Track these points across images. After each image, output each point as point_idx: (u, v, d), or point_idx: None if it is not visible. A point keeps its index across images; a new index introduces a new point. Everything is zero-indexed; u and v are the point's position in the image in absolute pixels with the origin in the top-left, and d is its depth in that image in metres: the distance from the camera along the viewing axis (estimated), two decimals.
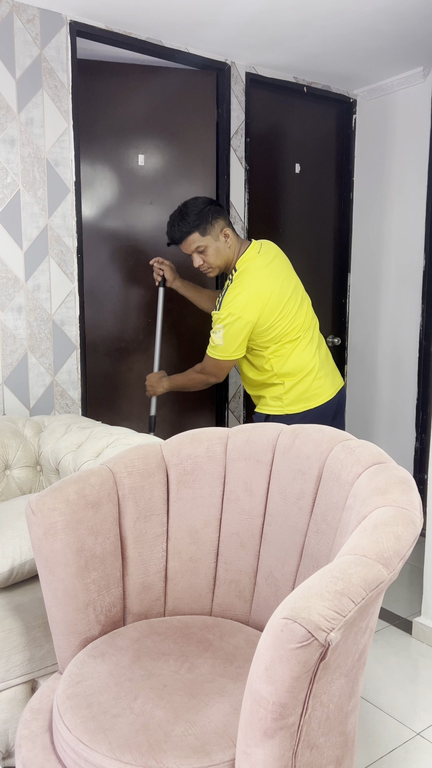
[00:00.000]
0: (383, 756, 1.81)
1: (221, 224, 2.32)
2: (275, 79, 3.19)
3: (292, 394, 2.39)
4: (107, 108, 2.85)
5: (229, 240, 2.34)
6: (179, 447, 1.71)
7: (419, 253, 3.32)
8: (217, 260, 2.35)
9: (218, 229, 2.31)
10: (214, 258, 2.35)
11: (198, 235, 2.31)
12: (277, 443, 1.67)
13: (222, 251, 2.34)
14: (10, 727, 1.62)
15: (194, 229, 2.30)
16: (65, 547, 1.45)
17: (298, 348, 2.37)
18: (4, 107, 2.45)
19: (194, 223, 2.29)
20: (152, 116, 2.96)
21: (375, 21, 2.58)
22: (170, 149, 3.01)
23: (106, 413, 3.01)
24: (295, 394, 2.39)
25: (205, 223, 2.29)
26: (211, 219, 2.30)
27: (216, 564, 1.68)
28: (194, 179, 3.06)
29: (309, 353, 2.39)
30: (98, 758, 1.14)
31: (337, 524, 1.45)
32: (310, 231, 3.54)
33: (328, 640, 0.94)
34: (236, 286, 2.30)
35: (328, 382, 2.43)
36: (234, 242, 2.36)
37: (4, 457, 2.23)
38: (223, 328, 2.29)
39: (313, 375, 2.39)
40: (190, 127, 3.02)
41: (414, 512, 1.23)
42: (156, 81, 2.94)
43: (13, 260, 2.54)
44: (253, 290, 2.27)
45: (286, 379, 2.38)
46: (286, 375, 2.38)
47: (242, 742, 1.04)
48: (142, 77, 2.92)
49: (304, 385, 2.38)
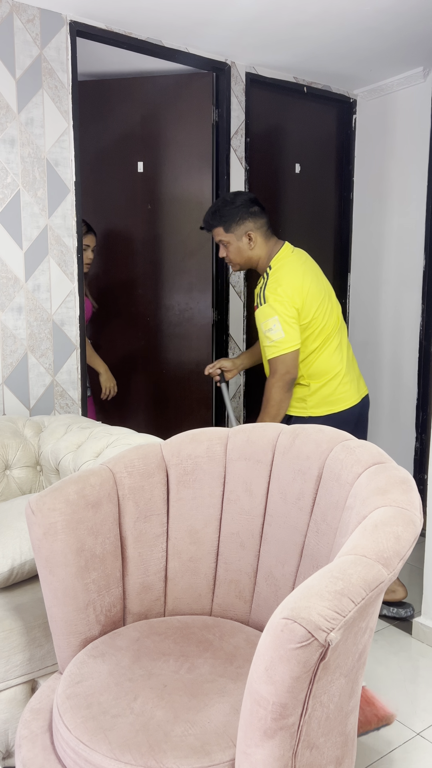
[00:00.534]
0: (383, 756, 1.81)
1: (248, 227, 2.35)
2: (275, 79, 3.19)
3: (317, 397, 2.38)
4: (108, 122, 2.88)
5: (253, 243, 2.37)
6: (179, 447, 1.71)
7: (419, 253, 3.31)
8: (237, 258, 2.40)
9: (243, 231, 2.35)
10: (235, 255, 2.40)
11: (222, 230, 2.38)
12: (277, 443, 1.67)
13: (243, 251, 2.38)
14: (10, 727, 1.62)
15: (219, 224, 2.37)
16: (65, 547, 1.45)
17: (327, 350, 2.37)
18: (4, 107, 2.45)
19: (221, 219, 2.36)
20: (150, 123, 2.97)
21: (375, 21, 2.58)
22: (169, 153, 3.01)
23: (106, 413, 3.01)
24: (320, 397, 2.38)
25: (231, 221, 2.35)
26: (239, 219, 2.34)
27: (216, 564, 1.68)
28: (194, 180, 3.06)
29: (337, 357, 2.38)
30: (98, 758, 1.14)
31: (337, 524, 1.45)
32: (310, 231, 3.53)
33: (328, 640, 0.94)
34: (275, 280, 2.30)
35: (353, 388, 2.42)
36: (260, 246, 2.38)
37: (4, 457, 2.23)
38: (278, 319, 2.25)
39: (339, 379, 2.38)
40: (189, 129, 3.02)
41: (414, 512, 1.23)
42: (153, 89, 2.96)
43: (13, 260, 2.54)
44: (293, 280, 2.29)
45: (312, 381, 2.37)
46: (313, 376, 2.37)
47: (242, 742, 1.04)
48: (140, 88, 2.94)
49: (329, 389, 2.37)
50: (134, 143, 3.02)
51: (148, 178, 3.05)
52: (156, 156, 3.04)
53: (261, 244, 2.38)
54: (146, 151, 3.00)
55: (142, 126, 3.02)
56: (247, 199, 2.37)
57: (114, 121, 3.03)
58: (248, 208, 2.35)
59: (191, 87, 3.01)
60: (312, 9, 2.47)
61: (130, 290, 3.20)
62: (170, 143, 3.03)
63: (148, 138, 3.02)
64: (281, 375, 2.29)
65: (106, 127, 3.04)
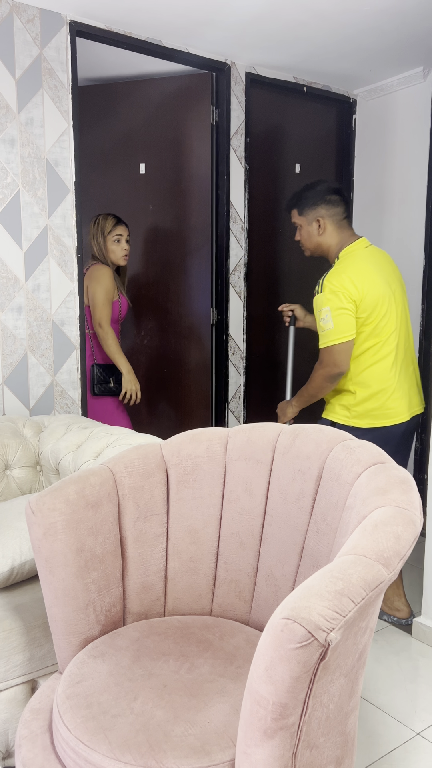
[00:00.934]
0: (383, 756, 1.81)
1: (320, 213, 2.37)
2: (275, 79, 3.19)
3: (362, 408, 2.32)
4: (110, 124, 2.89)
5: (322, 230, 2.38)
6: (179, 447, 1.71)
7: (419, 253, 3.31)
8: (306, 242, 2.44)
9: (314, 216, 2.38)
10: (305, 239, 2.44)
11: (296, 212, 2.44)
12: (277, 443, 1.67)
13: (312, 236, 2.41)
14: (10, 727, 1.62)
15: (295, 207, 2.43)
16: (65, 547, 1.45)
17: (380, 360, 2.30)
18: (4, 107, 2.45)
19: (297, 202, 2.42)
20: (151, 123, 2.97)
21: (375, 21, 2.58)
22: (170, 155, 3.01)
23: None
24: (365, 409, 2.32)
25: (305, 205, 2.39)
26: (312, 204, 2.37)
27: (216, 564, 1.68)
28: (194, 181, 3.06)
29: (388, 369, 2.31)
30: (98, 758, 1.14)
31: (337, 524, 1.45)
32: None
33: (328, 640, 0.94)
34: (338, 270, 2.29)
35: (403, 405, 2.33)
36: (330, 234, 2.39)
37: (4, 457, 2.23)
38: (330, 310, 2.24)
39: (388, 394, 2.30)
40: (189, 130, 3.02)
41: (414, 512, 1.23)
42: (154, 92, 2.96)
43: (13, 260, 2.54)
44: (357, 271, 2.26)
45: (360, 389, 2.31)
46: (360, 384, 2.31)
47: (242, 742, 1.04)
48: (141, 92, 2.95)
49: (375, 403, 2.31)
50: (136, 145, 3.03)
51: (150, 180, 3.05)
52: (157, 157, 3.04)
53: (331, 233, 2.38)
54: (148, 152, 3.00)
55: (144, 128, 3.03)
56: (329, 187, 2.39)
57: (116, 123, 3.04)
58: (325, 195, 2.37)
59: (191, 88, 3.01)
60: (312, 9, 2.47)
61: (130, 290, 3.20)
62: (171, 144, 3.03)
63: (150, 140, 3.02)
64: (327, 367, 2.28)
65: (108, 129, 3.05)
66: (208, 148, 3.05)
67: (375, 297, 2.26)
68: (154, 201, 3.04)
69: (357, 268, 2.28)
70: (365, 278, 2.26)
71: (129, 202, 3.08)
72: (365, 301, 2.24)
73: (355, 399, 2.32)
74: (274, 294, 3.45)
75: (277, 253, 3.43)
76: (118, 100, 3.03)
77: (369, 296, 2.25)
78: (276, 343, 3.47)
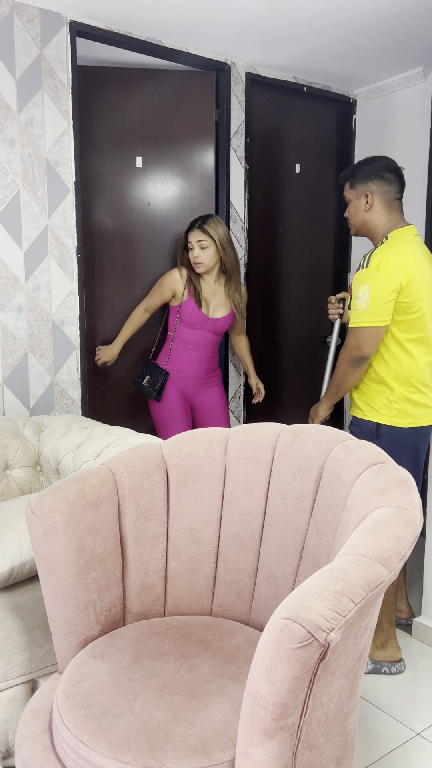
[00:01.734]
0: (383, 756, 1.81)
1: (371, 188, 2.22)
2: (275, 79, 3.19)
3: (401, 405, 2.17)
4: (106, 112, 2.86)
5: (369, 206, 2.23)
6: (179, 447, 1.71)
7: None
8: (353, 218, 2.30)
9: (363, 191, 2.23)
10: (352, 214, 2.30)
11: (348, 186, 2.30)
12: (277, 443, 1.67)
13: (359, 212, 2.27)
14: (10, 727, 1.62)
15: (348, 179, 2.29)
16: (65, 547, 1.45)
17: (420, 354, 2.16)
18: (4, 107, 2.45)
19: (351, 175, 2.28)
20: (151, 118, 2.96)
21: (375, 21, 2.58)
22: (169, 150, 3.01)
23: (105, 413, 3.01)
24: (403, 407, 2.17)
25: (356, 179, 2.25)
26: (365, 178, 2.23)
27: (216, 564, 1.68)
28: (193, 180, 3.06)
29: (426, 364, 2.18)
30: (98, 758, 1.14)
31: (337, 524, 1.45)
32: (310, 231, 3.53)
33: (328, 640, 0.94)
34: (387, 247, 2.14)
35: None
36: (377, 212, 2.23)
37: (4, 457, 2.23)
38: (370, 289, 2.07)
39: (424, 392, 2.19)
40: (189, 128, 3.02)
41: (414, 512, 1.23)
42: (154, 83, 2.94)
43: (13, 260, 2.54)
44: (408, 253, 2.12)
45: (398, 385, 2.16)
46: (399, 380, 2.16)
47: (242, 742, 1.04)
48: (140, 80, 2.92)
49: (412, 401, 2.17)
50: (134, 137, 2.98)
51: (147, 175, 3.03)
52: (155, 152, 3.02)
53: (379, 211, 2.23)
54: (146, 146, 2.98)
55: (141, 121, 2.98)
56: (386, 164, 2.23)
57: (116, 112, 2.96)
58: (381, 171, 2.22)
59: (193, 84, 3.00)
60: (312, 9, 2.47)
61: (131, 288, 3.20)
62: (171, 139, 3.02)
63: (148, 133, 2.99)
64: (350, 349, 2.14)
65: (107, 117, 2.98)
66: (211, 146, 3.04)
67: (422, 285, 2.11)
68: (153, 197, 3.02)
69: (409, 251, 2.13)
70: (416, 263, 2.11)
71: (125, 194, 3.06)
72: (412, 286, 2.08)
73: (393, 395, 2.17)
74: (274, 294, 3.45)
75: (277, 253, 3.42)
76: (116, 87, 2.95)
77: (417, 282, 2.09)
78: (276, 343, 3.47)
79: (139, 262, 3.02)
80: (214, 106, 3.04)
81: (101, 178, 2.89)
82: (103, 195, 2.90)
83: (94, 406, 2.96)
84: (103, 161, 2.88)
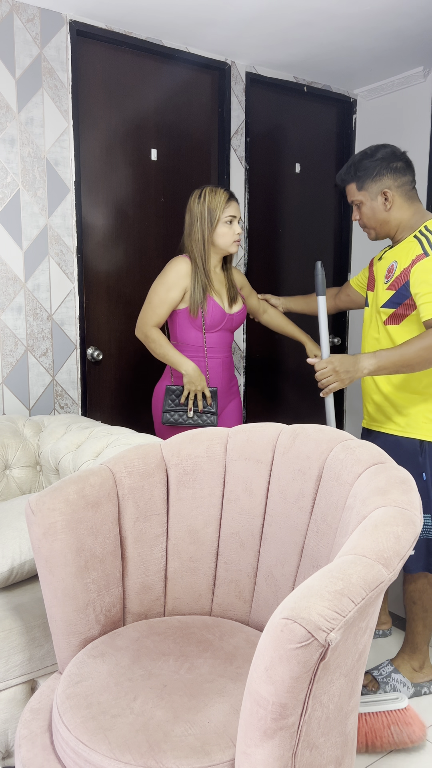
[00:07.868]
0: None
1: (386, 184, 1.98)
2: (275, 79, 3.19)
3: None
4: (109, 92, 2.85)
5: (390, 203, 1.99)
6: (179, 447, 1.71)
7: None
8: (370, 221, 2.04)
9: (377, 189, 1.98)
10: (368, 217, 2.04)
11: (354, 188, 2.03)
12: (277, 443, 1.67)
13: (377, 213, 2.01)
14: (10, 727, 1.62)
15: (352, 180, 2.03)
16: (65, 547, 1.45)
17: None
18: (4, 107, 2.45)
19: (355, 174, 2.02)
20: (151, 118, 2.96)
21: (375, 21, 2.58)
22: (169, 150, 3.00)
23: (105, 413, 3.01)
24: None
25: (366, 177, 1.99)
26: (376, 175, 1.98)
27: (216, 564, 1.68)
28: (193, 179, 3.06)
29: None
30: (98, 758, 1.14)
31: (337, 524, 1.45)
32: (310, 231, 3.54)
33: (328, 640, 0.94)
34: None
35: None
36: (399, 208, 2.00)
37: (4, 457, 2.23)
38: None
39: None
40: (192, 125, 3.02)
41: (414, 512, 1.23)
42: (158, 75, 2.92)
43: (13, 260, 2.54)
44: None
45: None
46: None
47: (242, 742, 1.04)
48: (141, 66, 2.91)
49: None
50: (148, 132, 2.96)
51: (147, 175, 3.03)
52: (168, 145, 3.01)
53: (400, 206, 1.99)
54: (160, 139, 2.96)
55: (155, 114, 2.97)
56: (391, 152, 1.99)
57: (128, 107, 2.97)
58: (389, 162, 1.98)
59: (197, 81, 3.00)
60: (312, 8, 2.47)
61: (124, 286, 3.20)
62: (171, 139, 3.02)
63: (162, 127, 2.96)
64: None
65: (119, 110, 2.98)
66: (215, 144, 3.04)
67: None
68: (165, 193, 3.01)
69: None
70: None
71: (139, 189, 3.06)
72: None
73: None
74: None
75: (277, 253, 3.42)
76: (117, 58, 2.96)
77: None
78: (276, 343, 3.47)
79: (138, 258, 3.01)
80: (216, 104, 3.04)
81: (101, 177, 2.89)
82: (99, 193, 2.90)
83: (94, 406, 2.96)
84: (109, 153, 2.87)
